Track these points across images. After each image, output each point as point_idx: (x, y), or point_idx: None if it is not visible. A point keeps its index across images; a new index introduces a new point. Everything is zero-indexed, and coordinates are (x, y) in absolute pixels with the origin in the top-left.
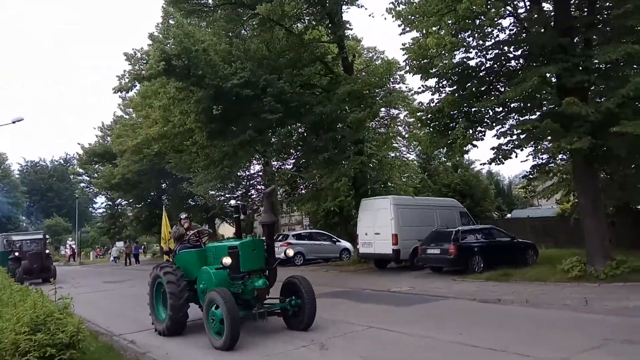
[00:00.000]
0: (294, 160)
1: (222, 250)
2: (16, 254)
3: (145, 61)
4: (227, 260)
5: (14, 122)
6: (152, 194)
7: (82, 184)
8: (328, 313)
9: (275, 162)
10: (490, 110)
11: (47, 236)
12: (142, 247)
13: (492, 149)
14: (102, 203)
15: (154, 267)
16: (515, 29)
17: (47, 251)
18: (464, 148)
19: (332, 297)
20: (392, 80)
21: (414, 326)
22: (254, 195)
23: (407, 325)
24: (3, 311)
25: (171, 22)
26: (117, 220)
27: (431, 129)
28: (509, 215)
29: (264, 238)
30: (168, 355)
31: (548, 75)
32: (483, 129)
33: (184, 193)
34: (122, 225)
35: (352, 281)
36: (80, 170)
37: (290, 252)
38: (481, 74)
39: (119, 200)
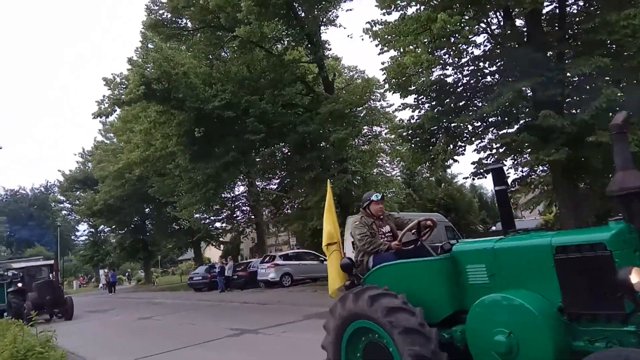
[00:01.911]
0: (278, 180)
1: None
2: (19, 285)
3: (124, 86)
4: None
5: None
6: (136, 219)
7: (64, 212)
8: (318, 335)
9: (259, 183)
10: (469, 125)
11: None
12: (127, 273)
13: (473, 163)
14: (84, 230)
15: (343, 298)
16: (489, 45)
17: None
18: (446, 163)
19: (322, 317)
20: (372, 98)
21: None
22: (239, 217)
23: None
24: None
25: (150, 46)
26: (100, 247)
27: (413, 145)
28: (493, 228)
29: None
30: None
31: (523, 89)
32: (463, 144)
33: (168, 217)
34: (105, 252)
35: None
36: (62, 198)
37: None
38: (459, 89)
39: (102, 227)
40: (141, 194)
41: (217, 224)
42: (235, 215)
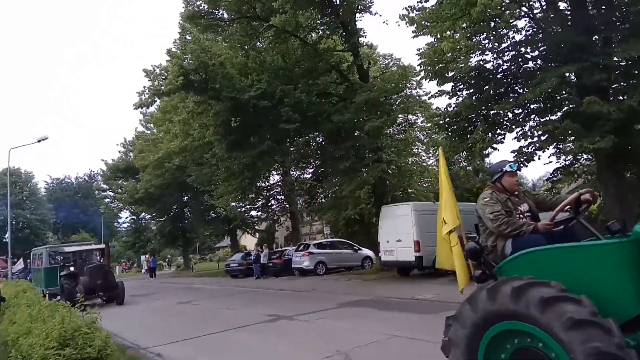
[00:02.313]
0: (312, 169)
1: None
2: (71, 268)
3: (164, 77)
4: None
5: (39, 141)
6: (175, 207)
7: (107, 200)
8: (351, 322)
9: (294, 172)
10: (509, 113)
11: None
12: (167, 259)
13: (513, 151)
14: (126, 217)
15: (473, 297)
16: (531, 30)
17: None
18: (484, 152)
19: (355, 305)
20: (408, 86)
21: (440, 334)
22: (274, 206)
23: (433, 333)
24: (32, 327)
25: (188, 37)
26: (142, 234)
27: (450, 134)
28: None
29: None
30: None
31: (567, 75)
32: (503, 132)
33: (206, 206)
34: (146, 239)
35: (375, 289)
36: (105, 186)
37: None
38: (498, 76)
39: (143, 214)
40: (180, 182)
41: (253, 213)
42: (270, 203)
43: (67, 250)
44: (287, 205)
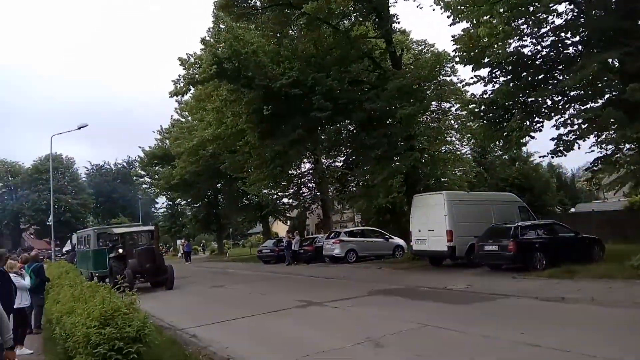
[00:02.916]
0: (344, 158)
1: None
2: (120, 251)
3: (198, 65)
4: None
5: (79, 128)
6: (209, 193)
7: (144, 186)
8: (382, 310)
9: (325, 160)
10: (548, 100)
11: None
12: (202, 244)
13: (552, 139)
14: (163, 203)
15: None
16: (572, 14)
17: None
18: (521, 140)
19: (386, 294)
20: (442, 72)
21: (472, 325)
22: (305, 193)
23: (465, 324)
24: (75, 306)
25: (222, 26)
26: (177, 219)
27: (485, 122)
28: (572, 210)
29: None
30: (228, 349)
31: (610, 61)
32: (541, 120)
33: (239, 192)
34: (182, 224)
35: (406, 278)
36: (142, 172)
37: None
38: (537, 62)
39: (179, 200)
40: (214, 169)
41: (284, 200)
42: (301, 191)
43: (116, 232)
44: (318, 193)
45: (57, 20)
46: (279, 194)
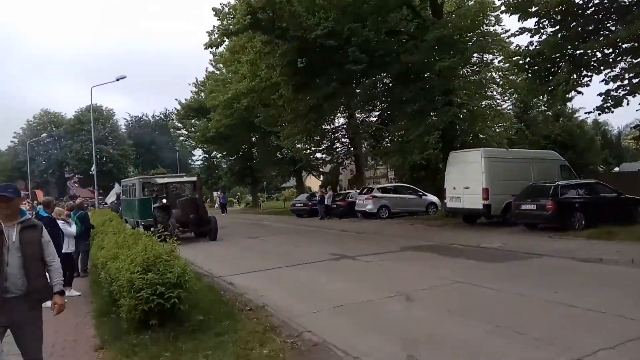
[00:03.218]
0: (378, 112)
1: None
2: (163, 201)
3: (232, 16)
4: None
5: (117, 80)
6: (244, 147)
7: (181, 138)
8: (413, 266)
9: (359, 115)
10: (598, 52)
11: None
12: (237, 196)
13: (600, 95)
14: (199, 155)
15: None
16: None
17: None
18: (567, 95)
19: (418, 250)
20: (485, 22)
21: (505, 283)
22: (339, 149)
23: (497, 281)
24: (119, 252)
25: None
26: (213, 171)
27: (530, 75)
28: (616, 169)
29: None
30: (263, 296)
31: None
32: (589, 74)
33: (273, 146)
34: (218, 176)
35: (439, 235)
36: (179, 125)
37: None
38: (588, 11)
39: (214, 153)
40: (248, 123)
41: (318, 155)
42: (334, 146)
43: (159, 182)
44: (352, 149)
45: None
46: (313, 148)
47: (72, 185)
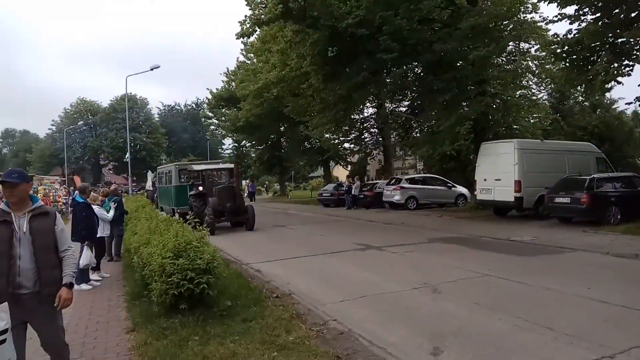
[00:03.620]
0: (409, 102)
1: None
2: (200, 188)
3: (264, 5)
4: None
5: (151, 69)
6: (272, 136)
7: (212, 127)
8: (441, 258)
9: (389, 104)
10: None
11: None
12: (265, 185)
13: None
14: (229, 144)
15: None
16: None
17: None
18: (606, 85)
19: (446, 242)
20: (522, 9)
21: (535, 277)
22: (367, 139)
23: (528, 275)
24: (151, 238)
25: None
26: (243, 160)
27: (567, 64)
28: None
29: None
30: (289, 284)
31: None
32: (631, 63)
33: (301, 136)
34: (247, 165)
35: (468, 228)
36: (210, 114)
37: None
38: None
39: (244, 142)
40: (278, 112)
41: (346, 145)
42: (363, 136)
43: (195, 169)
44: (381, 139)
45: None
46: (341, 138)
47: (107, 172)
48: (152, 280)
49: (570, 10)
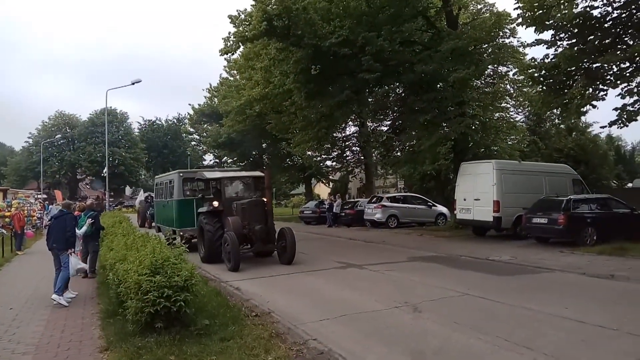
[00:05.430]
0: (390, 122)
1: None
2: (215, 204)
3: (248, 22)
4: None
5: (132, 84)
6: (254, 153)
7: (193, 142)
8: (422, 277)
9: (371, 123)
10: (614, 66)
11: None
12: None
13: (615, 109)
14: (210, 160)
15: None
16: None
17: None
18: (582, 109)
19: (426, 261)
20: (501, 34)
21: (514, 296)
22: (349, 157)
23: (506, 295)
24: (127, 254)
25: None
26: None
27: (544, 87)
28: (630, 185)
29: None
30: (269, 302)
31: None
32: (605, 87)
33: (283, 153)
34: None
35: (447, 247)
36: (191, 130)
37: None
38: (606, 25)
39: (225, 158)
40: (260, 129)
41: (328, 162)
42: (345, 154)
43: (209, 177)
44: (362, 157)
45: None
46: (323, 156)
47: (83, 186)
48: (127, 298)
49: (547, 35)
